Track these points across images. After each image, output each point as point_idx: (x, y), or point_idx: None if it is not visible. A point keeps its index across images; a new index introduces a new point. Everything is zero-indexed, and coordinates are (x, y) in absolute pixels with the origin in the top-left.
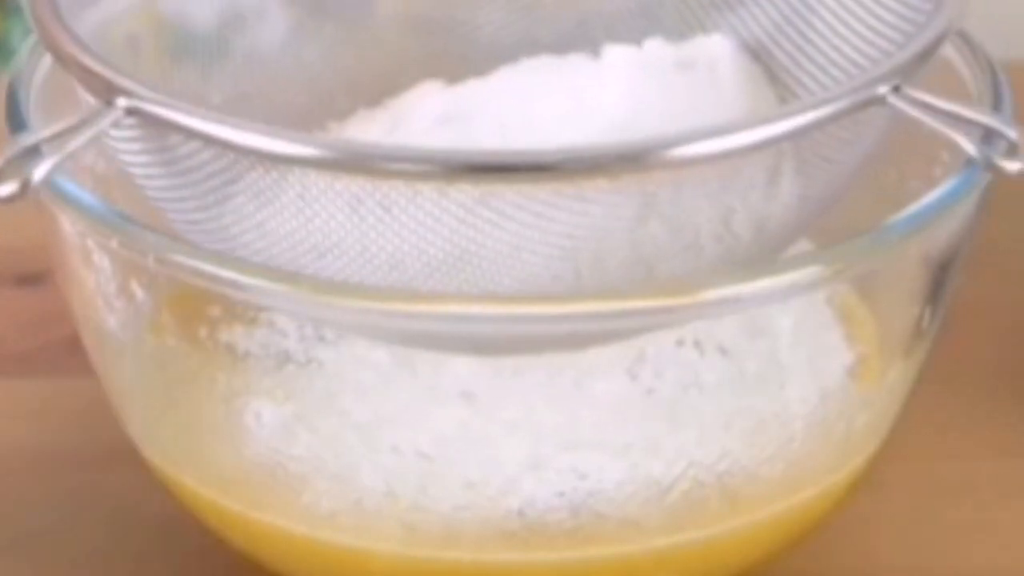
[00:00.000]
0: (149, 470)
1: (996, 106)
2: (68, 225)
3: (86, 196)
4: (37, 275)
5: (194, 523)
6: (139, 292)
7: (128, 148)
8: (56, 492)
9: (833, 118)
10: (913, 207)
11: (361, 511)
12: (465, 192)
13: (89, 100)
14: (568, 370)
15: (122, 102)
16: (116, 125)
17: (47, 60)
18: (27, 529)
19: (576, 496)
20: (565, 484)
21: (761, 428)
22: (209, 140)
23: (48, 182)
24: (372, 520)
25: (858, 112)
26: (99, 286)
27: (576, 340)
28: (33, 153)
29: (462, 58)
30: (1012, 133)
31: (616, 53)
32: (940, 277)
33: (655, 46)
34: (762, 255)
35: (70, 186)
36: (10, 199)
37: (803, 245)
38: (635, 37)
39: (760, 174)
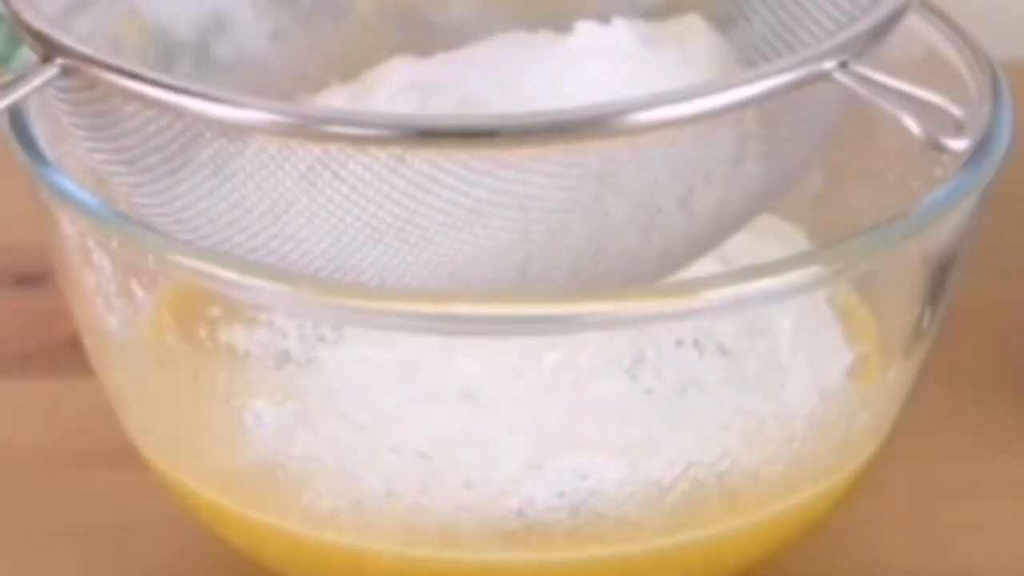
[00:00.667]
0: (149, 470)
1: (996, 106)
2: (68, 225)
3: (86, 196)
4: (37, 275)
5: (194, 523)
6: (139, 292)
7: (70, 111)
8: (56, 492)
9: (777, 92)
10: (913, 207)
11: (361, 511)
12: (418, 158)
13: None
14: (568, 370)
15: (59, 60)
16: (51, 83)
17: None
18: (27, 529)
19: (576, 496)
20: (565, 484)
21: (761, 428)
22: (149, 103)
23: None
24: (372, 520)
25: (805, 87)
26: (99, 286)
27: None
28: None
29: (437, 38)
30: (956, 111)
31: (585, 29)
32: (940, 277)
33: (624, 23)
34: (715, 237)
35: (70, 186)
36: None
37: (803, 245)
38: (608, 15)
39: (722, 151)
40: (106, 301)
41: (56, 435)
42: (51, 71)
